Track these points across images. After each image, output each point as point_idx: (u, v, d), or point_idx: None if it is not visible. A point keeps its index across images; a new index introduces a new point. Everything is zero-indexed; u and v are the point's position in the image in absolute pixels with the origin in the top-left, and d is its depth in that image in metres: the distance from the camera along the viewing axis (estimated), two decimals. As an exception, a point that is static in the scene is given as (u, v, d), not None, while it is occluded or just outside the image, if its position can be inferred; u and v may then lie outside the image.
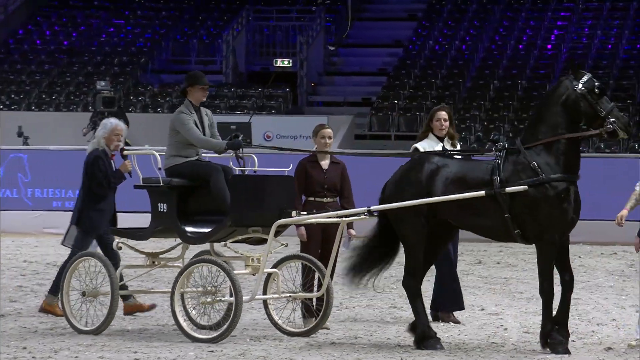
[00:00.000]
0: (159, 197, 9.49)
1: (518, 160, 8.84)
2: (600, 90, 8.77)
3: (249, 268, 9.40)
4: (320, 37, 29.73)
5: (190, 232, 9.41)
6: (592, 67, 27.56)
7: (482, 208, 8.86)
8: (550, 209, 8.68)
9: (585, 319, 10.71)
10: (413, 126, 26.06)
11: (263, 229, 9.39)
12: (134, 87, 28.27)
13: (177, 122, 9.56)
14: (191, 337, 9.24)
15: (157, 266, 9.84)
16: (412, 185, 9.06)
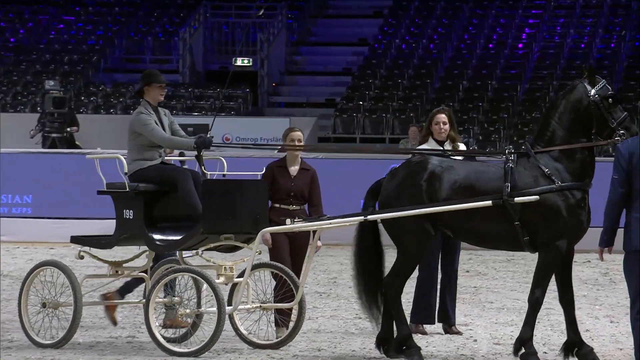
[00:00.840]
0: (125, 203, 9.29)
1: (530, 166, 8.70)
2: (614, 99, 8.65)
3: (222, 277, 9.21)
4: (282, 35, 29.79)
5: (158, 240, 9.23)
6: (565, 68, 27.46)
7: (490, 215, 8.68)
8: (564, 217, 8.59)
9: (558, 330, 10.56)
10: (379, 128, 26.03)
11: (236, 236, 9.24)
12: (85, 87, 28.19)
13: (137, 124, 9.32)
14: (169, 351, 8.98)
15: (121, 276, 9.66)
16: (414, 191, 8.79)
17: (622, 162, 7.55)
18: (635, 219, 7.50)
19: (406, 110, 26.33)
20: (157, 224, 9.26)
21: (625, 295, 12.97)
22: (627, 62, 27.65)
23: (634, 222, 7.50)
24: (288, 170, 9.79)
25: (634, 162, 7.53)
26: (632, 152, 7.54)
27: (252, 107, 27.78)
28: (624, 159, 7.54)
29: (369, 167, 18.47)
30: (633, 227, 7.51)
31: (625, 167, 7.54)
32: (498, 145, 24.76)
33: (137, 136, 9.30)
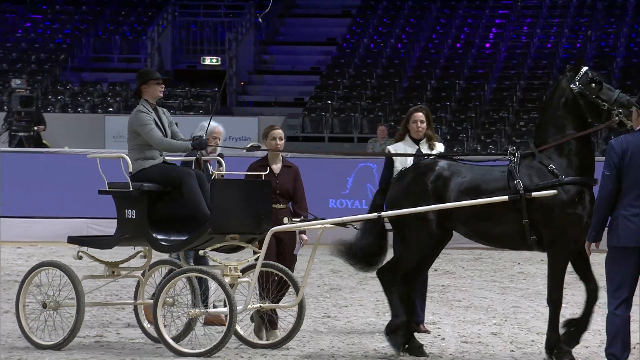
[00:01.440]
0: (127, 203, 9.22)
1: (533, 164, 8.72)
2: (596, 82, 8.57)
3: (227, 277, 9.15)
4: (250, 34, 29.67)
5: (163, 240, 9.17)
6: (532, 67, 27.62)
7: (499, 214, 8.69)
8: (566, 213, 8.58)
9: (525, 328, 10.61)
10: (347, 127, 26.03)
11: (240, 236, 9.24)
12: (53, 85, 28.03)
13: (136, 123, 9.26)
14: (178, 352, 8.93)
15: (118, 276, 9.59)
16: (421, 193, 8.87)
17: (614, 159, 7.56)
18: (623, 215, 7.53)
19: (374, 109, 26.37)
20: (160, 224, 9.19)
21: None
22: (593, 62, 27.79)
23: (622, 219, 7.54)
24: (271, 169, 9.76)
25: (626, 159, 7.55)
26: (624, 149, 7.55)
27: (221, 106, 27.68)
28: (617, 156, 7.55)
29: (335, 166, 18.54)
30: (620, 224, 7.54)
31: (617, 164, 7.55)
32: (466, 145, 24.90)
33: (136, 136, 9.24)
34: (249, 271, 9.38)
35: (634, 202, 7.53)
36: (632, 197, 7.53)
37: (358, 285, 13.54)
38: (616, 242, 7.57)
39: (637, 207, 7.51)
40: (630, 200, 7.54)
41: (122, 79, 28.56)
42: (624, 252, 7.55)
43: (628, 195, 7.55)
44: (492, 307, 11.91)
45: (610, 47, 28.26)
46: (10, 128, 23.65)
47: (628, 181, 7.55)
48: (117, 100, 27.31)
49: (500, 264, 15.98)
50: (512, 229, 8.66)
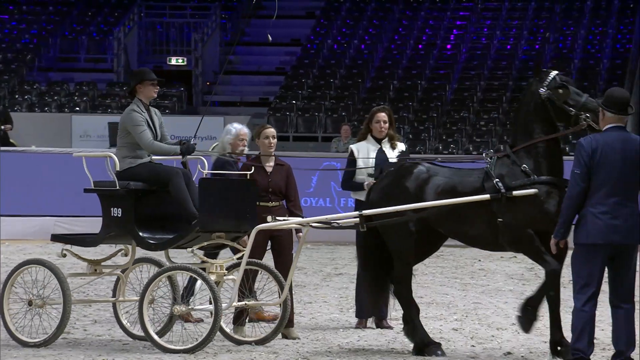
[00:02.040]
0: (113, 202, 9.20)
1: (506, 163, 8.79)
2: (563, 87, 8.62)
3: (213, 275, 9.15)
4: (216, 35, 29.69)
5: (149, 238, 9.17)
6: (492, 68, 27.92)
7: (472, 215, 8.75)
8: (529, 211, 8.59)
9: (485, 324, 10.71)
10: (312, 127, 26.17)
11: (227, 234, 9.25)
12: (20, 85, 27.92)
13: (128, 122, 9.26)
14: (164, 349, 8.95)
15: (100, 274, 9.59)
16: (401, 194, 8.94)
17: (584, 157, 7.61)
18: (591, 213, 7.60)
19: (338, 109, 26.50)
20: (146, 222, 9.20)
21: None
22: (551, 63, 28.01)
23: (590, 216, 7.60)
24: (264, 167, 9.77)
25: (596, 158, 7.60)
26: (594, 148, 7.61)
27: (187, 106, 27.72)
28: (587, 154, 7.61)
29: (299, 165, 18.74)
30: (590, 221, 7.60)
31: (587, 163, 7.59)
32: (428, 144, 25.19)
33: (127, 134, 9.24)
34: (234, 269, 9.40)
35: (603, 200, 7.61)
36: (601, 196, 7.61)
37: (322, 282, 13.63)
38: (584, 239, 7.64)
39: (605, 205, 7.60)
40: (599, 199, 7.62)
41: (89, 78, 28.56)
42: (592, 249, 7.63)
43: (597, 194, 7.62)
44: (453, 304, 11.98)
45: (568, 48, 28.53)
46: (-22, 128, 23.67)
47: (597, 180, 7.61)
48: (84, 100, 27.34)
49: (462, 261, 16.03)
50: (486, 230, 8.73)
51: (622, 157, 7.62)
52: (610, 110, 7.69)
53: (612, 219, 7.58)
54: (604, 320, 8.29)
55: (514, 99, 26.52)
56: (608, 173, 7.59)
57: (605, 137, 7.67)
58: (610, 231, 7.58)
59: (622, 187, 7.62)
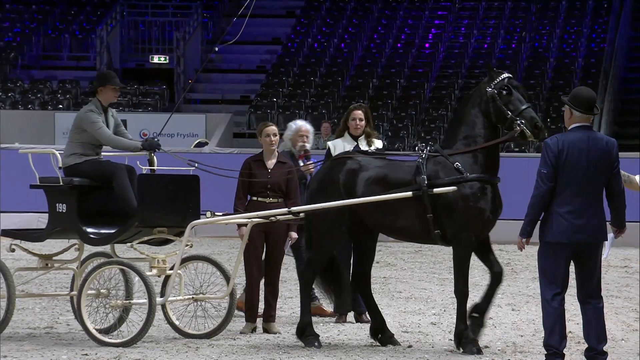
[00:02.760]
0: (58, 197, 9.22)
1: (440, 160, 8.89)
2: (507, 90, 8.74)
3: (155, 269, 9.23)
4: (198, 33, 29.69)
5: (92, 233, 9.22)
6: (469, 67, 28.10)
7: (402, 209, 8.85)
8: (468, 208, 8.73)
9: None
10: None
11: (169, 229, 9.26)
12: (3, 83, 27.90)
13: (85, 121, 9.31)
14: (100, 342, 9.04)
15: (51, 268, 9.62)
16: (333, 186, 9.04)
17: (550, 157, 7.59)
18: (557, 213, 7.60)
19: (318, 107, 26.55)
20: (91, 217, 9.23)
21: (525, 285, 13.44)
22: (527, 62, 28.39)
23: (555, 215, 7.60)
24: (265, 164, 9.74)
25: (562, 158, 7.59)
26: (561, 149, 7.59)
27: (169, 103, 27.76)
28: (553, 154, 7.59)
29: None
30: (555, 220, 7.60)
31: (553, 163, 7.58)
32: (407, 141, 25.42)
33: (80, 132, 9.27)
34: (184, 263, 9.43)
35: (568, 200, 7.60)
36: (567, 195, 7.60)
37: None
38: (550, 238, 7.63)
39: (571, 205, 7.60)
40: (565, 198, 7.60)
41: (72, 76, 28.60)
42: (557, 247, 7.63)
43: (563, 193, 7.61)
44: (431, 298, 12.01)
45: (544, 47, 28.69)
46: (-40, 126, 23.74)
47: (563, 179, 7.59)
48: (67, 98, 27.39)
49: (440, 256, 16.04)
50: (416, 223, 8.81)
51: (588, 157, 7.60)
52: (578, 109, 7.68)
53: (577, 219, 7.58)
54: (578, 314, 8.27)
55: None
56: (574, 173, 7.60)
57: (571, 137, 7.67)
58: (575, 231, 7.61)
59: (588, 187, 7.63)
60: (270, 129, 9.84)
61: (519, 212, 8.25)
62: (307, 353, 8.85)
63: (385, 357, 8.74)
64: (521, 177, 16.04)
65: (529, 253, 9.11)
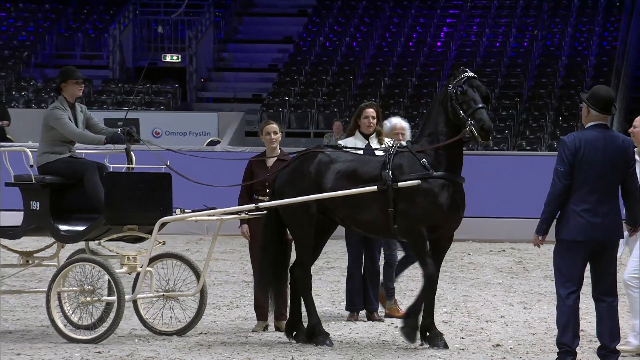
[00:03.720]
0: (32, 195, 9.33)
1: (406, 155, 9.02)
2: (462, 90, 8.82)
3: (125, 267, 9.32)
4: (210, 32, 29.69)
5: (63, 231, 9.32)
6: (481, 65, 28.13)
7: (368, 203, 8.96)
8: (424, 203, 8.85)
9: (474, 316, 10.81)
10: (304, 123, 26.28)
11: (140, 227, 9.32)
12: (16, 81, 27.99)
13: (50, 118, 9.41)
14: (69, 338, 9.14)
15: (31, 265, 9.73)
16: (303, 177, 9.13)
17: (567, 155, 7.64)
18: (573, 210, 7.65)
19: (330, 105, 26.62)
20: (63, 215, 9.32)
21: (537, 283, 13.53)
22: (539, 60, 28.39)
23: (572, 213, 7.65)
24: (265, 163, 9.82)
25: (579, 156, 7.64)
26: (578, 146, 7.65)
27: (181, 102, 27.85)
28: (570, 152, 7.64)
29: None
30: (571, 218, 7.66)
31: (570, 160, 7.63)
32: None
33: (49, 130, 9.34)
34: (155, 261, 9.54)
35: (585, 198, 7.66)
36: (584, 193, 7.66)
37: (314, 276, 13.38)
38: (566, 236, 7.68)
39: (587, 203, 7.65)
40: (581, 196, 7.66)
41: (85, 75, 28.45)
42: (574, 245, 7.68)
43: (579, 191, 7.66)
44: (443, 296, 11.99)
45: (556, 46, 28.66)
46: (-23, 125, 23.88)
47: (580, 177, 7.65)
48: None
49: (451, 254, 15.84)
50: (379, 217, 8.91)
51: (604, 155, 7.65)
52: (595, 108, 7.75)
53: (593, 217, 7.64)
54: (590, 313, 8.38)
55: (503, 96, 26.91)
56: (590, 171, 7.65)
57: (588, 134, 7.72)
58: (591, 228, 7.67)
59: (604, 185, 7.67)
60: (271, 127, 9.86)
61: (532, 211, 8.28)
62: (318, 351, 8.93)
63: (397, 355, 8.79)
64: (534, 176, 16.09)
65: (541, 251, 9.17)
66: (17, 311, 10.00)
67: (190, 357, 8.62)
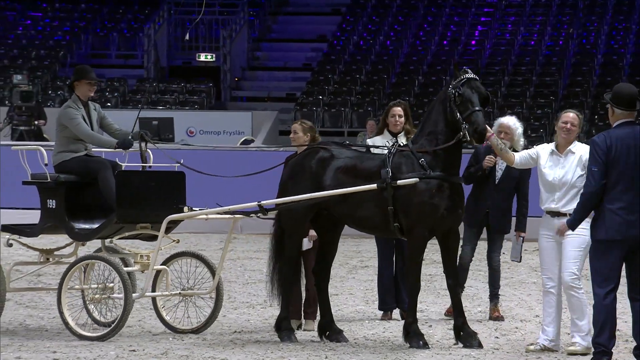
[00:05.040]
0: (48, 193, 9.41)
1: (406, 154, 9.03)
2: (460, 92, 8.83)
3: (138, 265, 9.37)
4: (244, 31, 29.81)
5: (78, 229, 9.40)
6: (516, 64, 28.00)
7: (365, 200, 8.99)
8: (422, 204, 8.87)
9: (509, 316, 10.78)
10: (338, 122, 26.33)
11: (153, 225, 9.34)
12: (52, 81, 28.25)
13: (64, 117, 9.45)
14: (79, 335, 9.20)
15: (50, 263, 9.79)
16: (303, 173, 9.16)
17: (600, 155, 7.65)
18: (609, 209, 7.65)
19: (364, 104, 26.66)
20: (79, 213, 9.39)
21: None
22: (574, 58, 28.28)
23: (607, 212, 7.66)
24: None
25: (612, 154, 7.65)
26: (609, 145, 7.66)
27: (215, 101, 27.98)
28: (602, 151, 7.65)
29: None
30: (608, 218, 7.66)
31: (603, 159, 7.63)
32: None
33: (63, 129, 9.39)
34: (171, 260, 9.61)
35: (619, 196, 7.65)
36: (618, 191, 7.65)
37: (348, 275, 13.68)
38: (602, 236, 7.69)
39: (622, 201, 7.64)
40: (615, 194, 7.65)
41: (120, 74, 28.87)
42: (610, 244, 7.67)
43: (614, 189, 7.66)
44: (477, 296, 12.04)
45: (592, 44, 28.57)
46: (12, 122, 24.08)
47: (613, 176, 7.65)
48: (115, 96, 27.67)
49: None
50: (377, 215, 8.94)
51: (636, 151, 7.71)
52: (619, 107, 7.79)
53: (629, 214, 7.66)
54: (627, 312, 8.27)
55: (537, 95, 26.79)
56: (623, 169, 7.65)
57: (617, 132, 7.72)
58: (627, 226, 7.66)
59: (638, 182, 7.66)
60: (294, 127, 9.86)
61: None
62: (352, 350, 8.93)
63: (431, 354, 8.78)
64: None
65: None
66: (53, 309, 10.01)
67: (224, 356, 8.64)
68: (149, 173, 9.44)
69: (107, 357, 8.55)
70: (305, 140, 9.73)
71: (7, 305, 10.04)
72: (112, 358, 8.49)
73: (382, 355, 8.75)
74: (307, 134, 9.75)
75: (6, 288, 9.39)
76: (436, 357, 8.72)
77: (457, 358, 8.67)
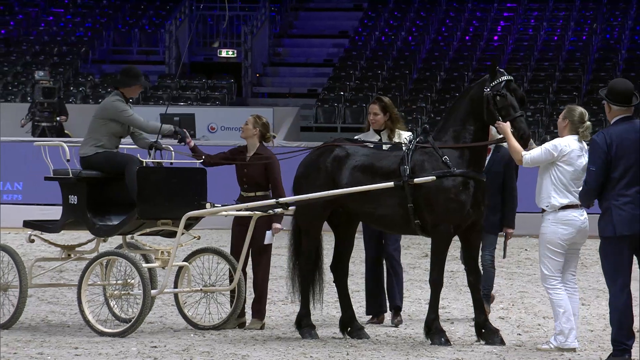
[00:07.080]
0: (70, 189, 9.44)
1: (428, 151, 8.98)
2: (502, 96, 8.81)
3: (158, 261, 9.41)
4: (265, 28, 29.86)
5: (99, 225, 9.41)
6: (538, 59, 27.92)
7: (384, 197, 8.97)
8: (448, 200, 8.83)
9: (531, 312, 10.81)
10: (359, 118, 26.37)
11: (173, 221, 9.36)
12: (74, 77, 28.36)
13: (112, 110, 9.46)
14: (98, 332, 9.24)
15: (72, 259, 9.81)
16: (318, 172, 9.17)
17: (600, 154, 7.67)
18: (615, 206, 7.66)
19: None
20: (101, 209, 9.43)
21: (596, 279, 13.45)
22: (598, 54, 28.15)
23: (614, 209, 7.67)
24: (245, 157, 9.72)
25: (612, 152, 7.65)
26: (609, 142, 7.66)
27: (236, 97, 28.02)
28: (602, 150, 7.66)
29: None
30: (614, 214, 7.67)
31: (603, 158, 7.65)
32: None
33: (106, 122, 9.42)
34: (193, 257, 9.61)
35: (624, 192, 7.65)
36: (622, 187, 7.66)
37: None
38: (610, 232, 7.70)
39: (627, 196, 7.65)
40: (620, 190, 7.66)
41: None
42: (619, 240, 7.68)
43: (618, 185, 7.66)
44: (499, 292, 11.98)
45: (615, 39, 28.46)
46: (34, 118, 24.15)
47: (616, 172, 7.66)
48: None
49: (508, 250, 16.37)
50: (397, 212, 8.92)
51: (637, 146, 7.70)
52: (615, 103, 7.76)
53: (635, 209, 7.66)
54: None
55: (561, 90, 26.65)
56: (626, 164, 7.65)
57: (617, 129, 7.71)
58: (635, 221, 7.66)
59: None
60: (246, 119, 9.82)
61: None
62: (374, 347, 8.93)
63: (453, 351, 8.77)
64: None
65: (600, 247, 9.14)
66: (75, 305, 10.01)
67: (246, 352, 8.66)
68: (169, 169, 9.47)
69: (128, 353, 8.57)
70: (254, 134, 9.68)
71: (29, 301, 10.11)
72: (133, 354, 8.52)
73: (404, 352, 8.74)
74: (256, 127, 9.69)
75: (28, 284, 9.46)
76: (458, 354, 8.71)
77: (479, 355, 8.67)
